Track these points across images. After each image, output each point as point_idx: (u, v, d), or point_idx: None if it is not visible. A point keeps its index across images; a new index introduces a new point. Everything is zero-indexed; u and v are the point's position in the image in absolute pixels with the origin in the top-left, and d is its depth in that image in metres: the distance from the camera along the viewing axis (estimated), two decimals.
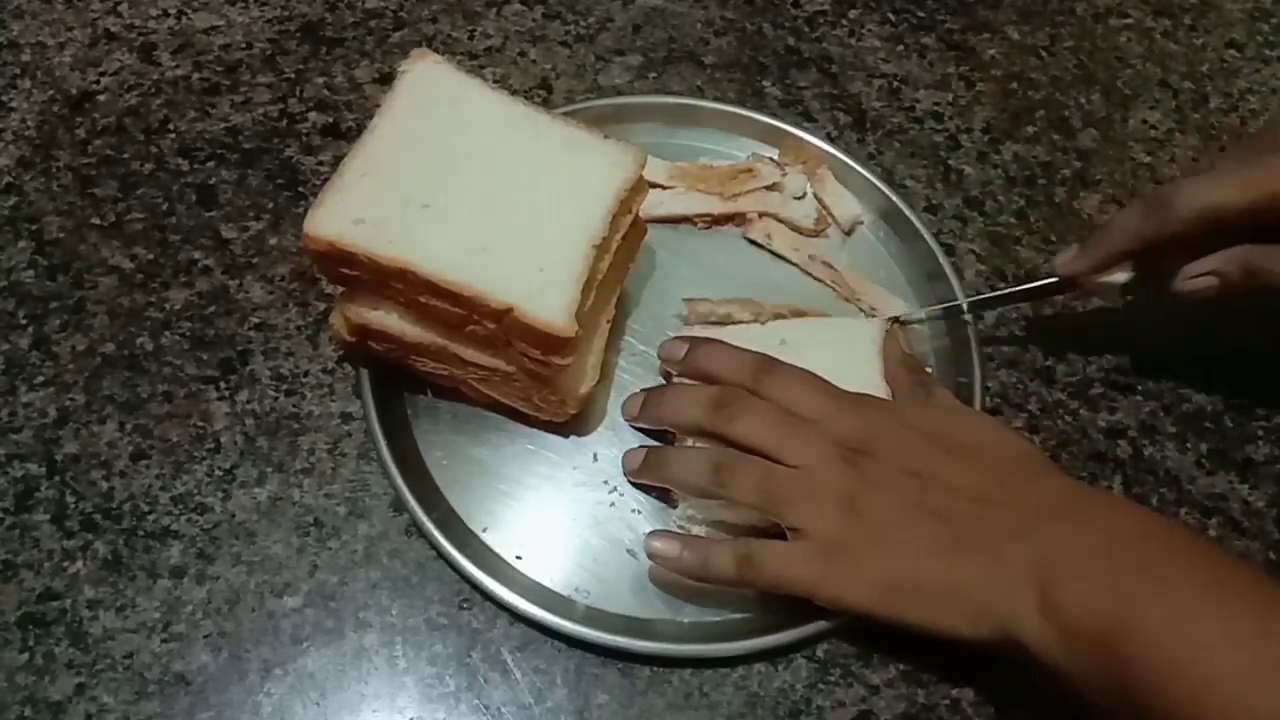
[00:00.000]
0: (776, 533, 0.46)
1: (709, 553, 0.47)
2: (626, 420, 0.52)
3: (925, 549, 0.44)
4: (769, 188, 0.60)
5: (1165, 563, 0.41)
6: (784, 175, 0.60)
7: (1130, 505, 0.48)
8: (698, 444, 0.49)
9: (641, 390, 0.52)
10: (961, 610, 0.43)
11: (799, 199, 0.60)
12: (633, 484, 0.51)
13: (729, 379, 0.50)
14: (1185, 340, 0.58)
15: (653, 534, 0.48)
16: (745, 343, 0.51)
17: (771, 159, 0.61)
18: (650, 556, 0.48)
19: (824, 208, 0.60)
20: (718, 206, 0.59)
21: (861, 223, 0.60)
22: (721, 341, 0.52)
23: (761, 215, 0.59)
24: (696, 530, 0.49)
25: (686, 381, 0.52)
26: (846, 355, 0.53)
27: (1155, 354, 0.57)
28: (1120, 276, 0.52)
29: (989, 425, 0.50)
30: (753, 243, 0.59)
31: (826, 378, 0.49)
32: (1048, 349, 0.57)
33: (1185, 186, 0.48)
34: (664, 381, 0.54)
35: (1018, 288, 0.56)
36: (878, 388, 0.52)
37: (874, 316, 0.57)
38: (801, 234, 0.59)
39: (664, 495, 0.51)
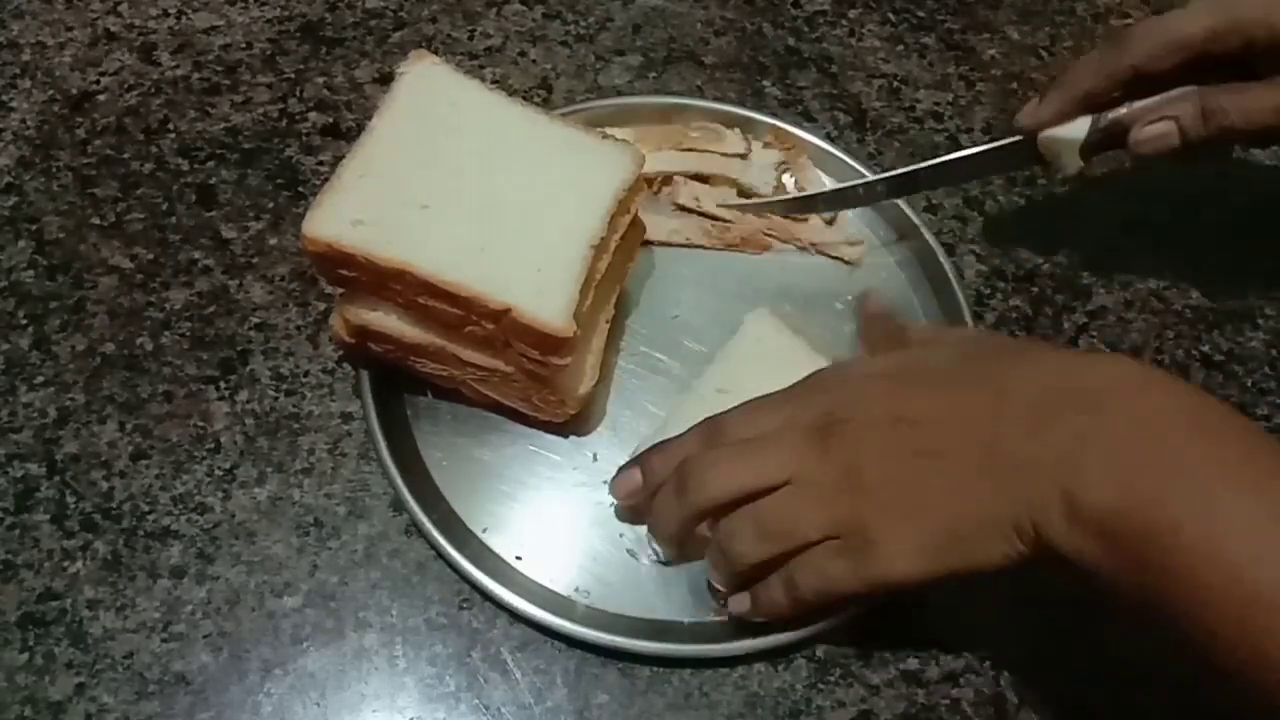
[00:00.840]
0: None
1: (769, 595, 0.45)
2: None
3: (941, 497, 0.41)
4: (734, 155, 0.60)
5: (1189, 443, 0.37)
6: (750, 150, 0.60)
7: (1142, 372, 0.40)
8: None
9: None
10: (998, 539, 0.39)
11: (762, 172, 0.60)
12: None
13: (672, 465, 0.46)
14: (1185, 340, 0.58)
15: (727, 594, 0.46)
16: (685, 409, 0.50)
17: (748, 137, 0.61)
18: (733, 612, 0.46)
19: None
20: (674, 164, 0.59)
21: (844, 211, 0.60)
22: (662, 444, 0.48)
23: (695, 178, 0.60)
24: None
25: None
26: (787, 376, 0.50)
27: (1155, 354, 0.57)
28: (1079, 130, 0.50)
29: (966, 336, 0.47)
30: (682, 208, 0.59)
31: (779, 381, 0.47)
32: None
33: (1143, 23, 0.48)
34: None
35: (976, 149, 0.54)
36: (809, 357, 0.51)
37: (820, 255, 0.58)
38: (757, 198, 0.60)
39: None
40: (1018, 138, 0.53)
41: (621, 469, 0.49)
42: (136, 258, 0.56)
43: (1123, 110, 0.50)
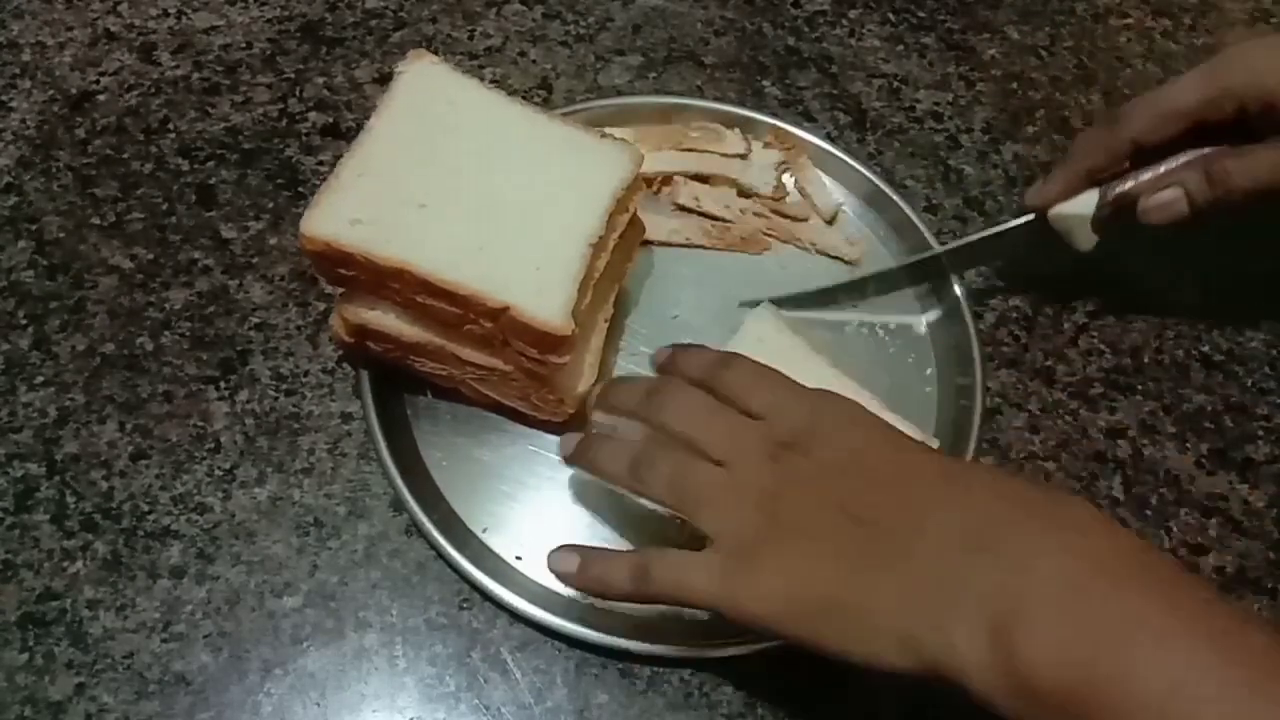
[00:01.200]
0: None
1: (607, 567, 0.43)
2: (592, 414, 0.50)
3: (834, 560, 0.38)
4: (734, 155, 0.60)
5: (1144, 603, 0.34)
6: (750, 150, 0.61)
7: (1100, 522, 0.37)
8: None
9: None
10: (880, 637, 0.36)
11: (763, 172, 0.60)
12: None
13: (689, 374, 0.46)
14: (1185, 340, 0.58)
15: (559, 546, 0.45)
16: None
17: (748, 137, 0.62)
18: (550, 568, 0.45)
19: (805, 196, 0.60)
20: (674, 164, 0.59)
21: (843, 210, 0.60)
22: (700, 346, 0.48)
23: (695, 178, 0.60)
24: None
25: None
26: (776, 349, 0.51)
27: (1155, 354, 0.57)
28: (1087, 205, 0.51)
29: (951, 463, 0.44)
30: (681, 207, 0.59)
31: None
32: (1048, 349, 0.57)
33: (1141, 96, 0.49)
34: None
35: (990, 230, 0.55)
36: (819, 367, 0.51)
37: (820, 255, 0.58)
38: (756, 198, 0.60)
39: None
40: (1030, 216, 0.53)
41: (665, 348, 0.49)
42: (136, 258, 0.56)
43: (1129, 182, 0.51)
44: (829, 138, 0.62)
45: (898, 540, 0.37)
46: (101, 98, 0.62)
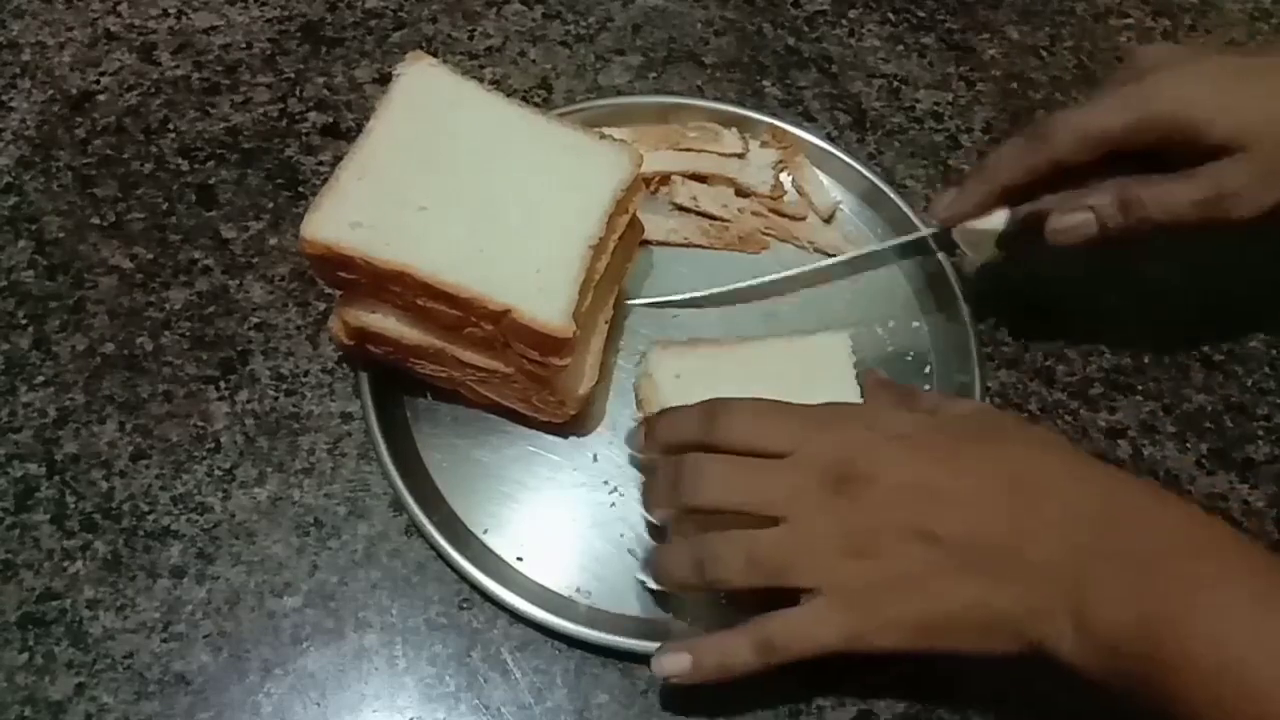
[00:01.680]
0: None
1: (723, 650, 0.43)
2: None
3: (952, 583, 0.41)
4: (731, 155, 0.60)
5: (1202, 570, 0.38)
6: (747, 149, 0.61)
7: (1162, 497, 0.42)
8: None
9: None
10: (996, 634, 0.40)
11: (760, 171, 0.60)
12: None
13: (684, 440, 0.45)
14: (1185, 340, 0.58)
15: (659, 650, 0.44)
16: (713, 372, 0.50)
17: (746, 136, 0.62)
18: (663, 677, 0.44)
19: (803, 195, 0.60)
20: (671, 164, 0.59)
21: (840, 208, 0.60)
22: (671, 410, 0.47)
23: (693, 177, 0.60)
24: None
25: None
26: (817, 370, 0.51)
27: (1155, 354, 0.57)
28: (996, 222, 0.50)
29: (986, 418, 0.47)
30: (679, 207, 0.59)
31: (799, 398, 0.46)
32: (1048, 349, 0.57)
33: (1063, 114, 0.48)
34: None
35: (891, 243, 0.54)
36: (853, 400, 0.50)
37: (818, 253, 0.58)
38: (754, 198, 0.60)
39: (657, 529, 0.49)
40: (932, 229, 0.53)
41: (634, 429, 0.50)
42: (136, 258, 0.56)
43: (1041, 201, 0.50)
44: (828, 137, 0.62)
45: (993, 552, 0.40)
46: (101, 98, 0.62)
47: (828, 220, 0.60)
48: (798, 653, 0.42)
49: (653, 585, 0.46)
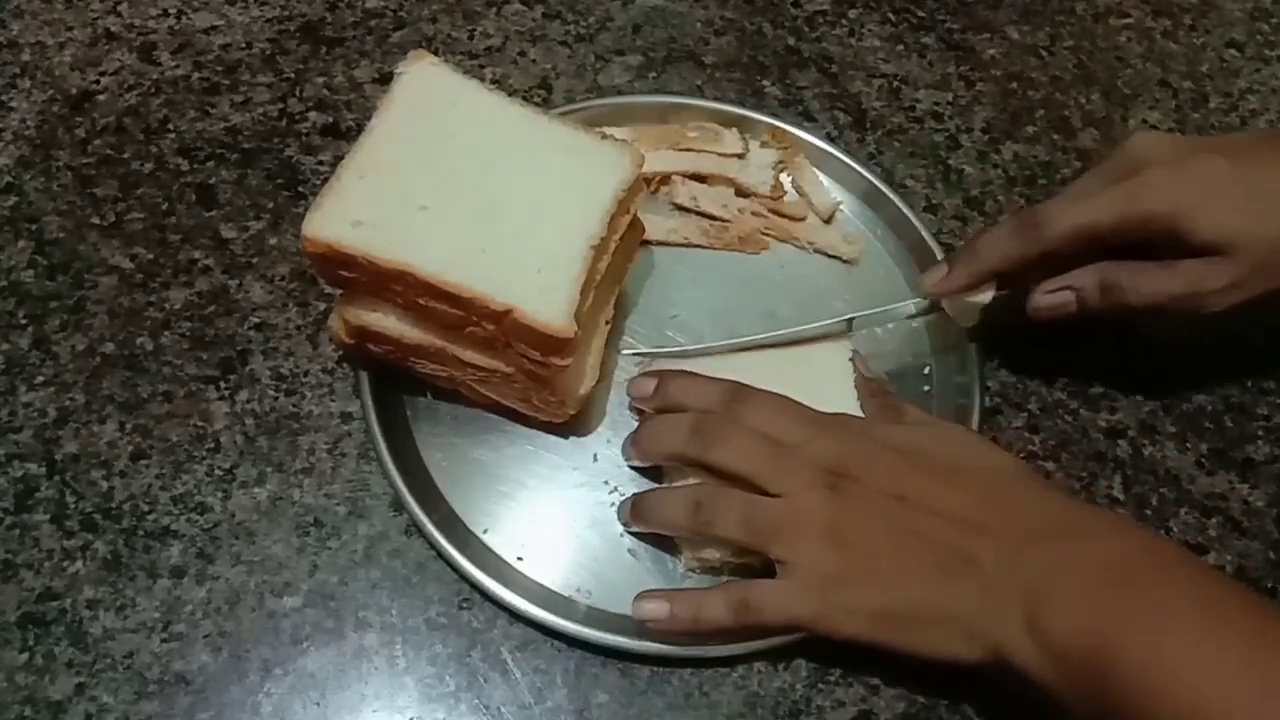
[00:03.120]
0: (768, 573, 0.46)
1: (700, 604, 0.46)
2: (627, 463, 0.52)
3: (915, 576, 0.44)
4: (731, 155, 0.60)
5: (1153, 585, 0.41)
6: (747, 149, 0.61)
7: (1118, 522, 0.47)
8: (688, 479, 0.49)
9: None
10: (955, 635, 0.43)
11: (760, 171, 0.60)
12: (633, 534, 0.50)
13: (701, 408, 0.49)
14: (1185, 340, 0.58)
15: (639, 595, 0.47)
16: (712, 374, 0.51)
17: (746, 136, 0.62)
18: (640, 620, 0.46)
19: (802, 195, 0.60)
20: (672, 164, 0.60)
21: (840, 209, 0.60)
22: (690, 372, 0.51)
23: (693, 178, 0.60)
24: (691, 581, 0.49)
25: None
26: (817, 378, 0.53)
27: (1155, 354, 0.57)
28: (984, 297, 0.52)
29: (968, 441, 0.49)
30: (680, 207, 0.59)
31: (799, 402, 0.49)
32: (1048, 349, 0.57)
33: (1056, 206, 0.49)
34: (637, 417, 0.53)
35: (885, 308, 0.55)
36: (852, 409, 0.52)
37: (818, 253, 0.59)
38: (754, 198, 0.60)
39: (668, 543, 0.50)
40: (924, 302, 0.54)
41: (645, 372, 0.52)
42: (136, 258, 0.56)
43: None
44: (828, 138, 0.62)
45: (959, 554, 0.44)
46: (101, 98, 0.62)
47: (827, 221, 0.60)
48: (769, 618, 0.45)
49: (631, 527, 0.49)
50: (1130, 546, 0.43)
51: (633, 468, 0.52)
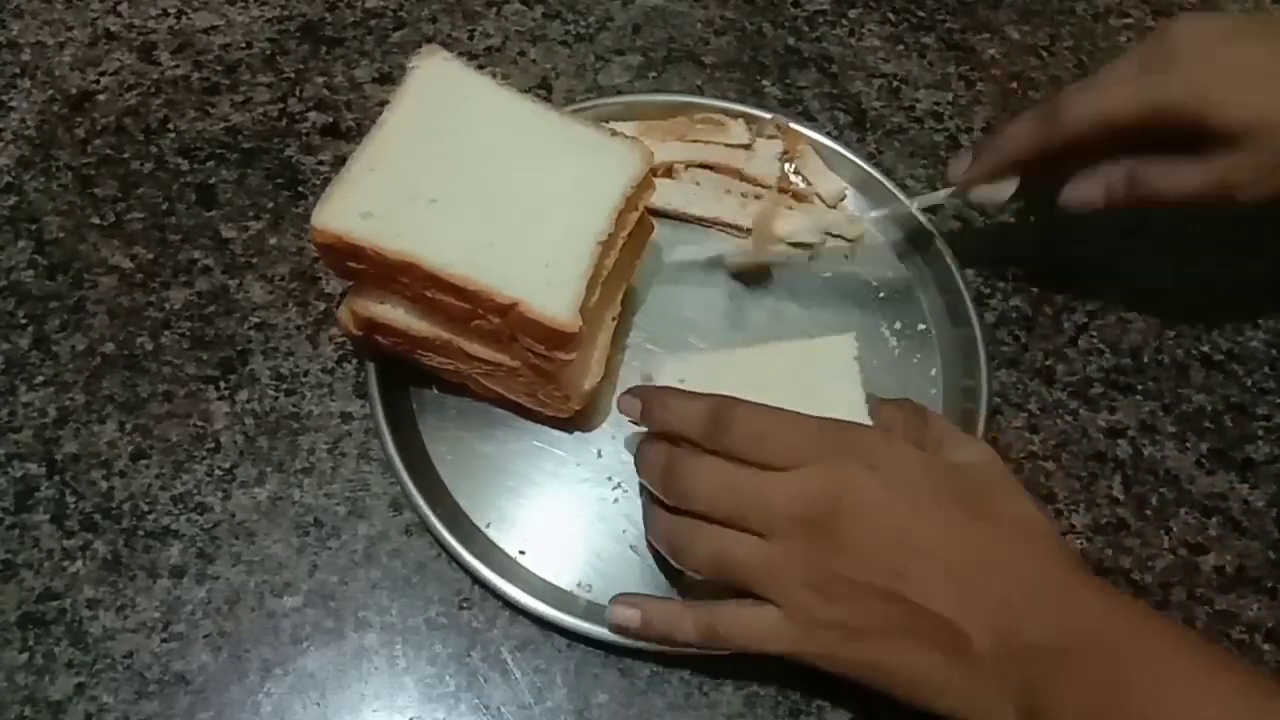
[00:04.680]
0: None
1: (670, 621, 0.44)
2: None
3: (899, 647, 0.41)
4: (738, 146, 0.61)
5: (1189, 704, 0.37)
6: (754, 140, 0.61)
7: (1147, 619, 0.40)
8: None
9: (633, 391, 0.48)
10: (942, 703, 0.41)
11: (766, 163, 0.60)
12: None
13: (683, 432, 0.44)
14: (1185, 340, 0.58)
15: (614, 600, 0.46)
16: (716, 376, 0.48)
17: (752, 128, 0.62)
18: (613, 627, 0.45)
19: (808, 184, 0.61)
20: (678, 155, 0.60)
21: (845, 196, 0.61)
22: (674, 391, 0.46)
23: (701, 167, 0.60)
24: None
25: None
26: (822, 376, 0.49)
27: (1155, 354, 0.57)
28: (1006, 190, 0.52)
29: (990, 485, 0.44)
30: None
31: (803, 402, 0.44)
32: (1048, 349, 0.57)
33: (1077, 96, 0.48)
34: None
35: (917, 202, 0.56)
36: (858, 407, 0.48)
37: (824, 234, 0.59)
38: (762, 186, 0.60)
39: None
40: (950, 190, 0.54)
41: (631, 390, 0.47)
42: (136, 258, 0.56)
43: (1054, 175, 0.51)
44: (829, 137, 0.62)
45: (946, 630, 0.40)
46: (101, 98, 0.62)
47: (833, 208, 0.60)
48: (738, 647, 0.43)
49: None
50: (1154, 650, 0.38)
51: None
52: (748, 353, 0.52)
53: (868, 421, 0.46)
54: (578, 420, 0.51)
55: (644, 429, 0.47)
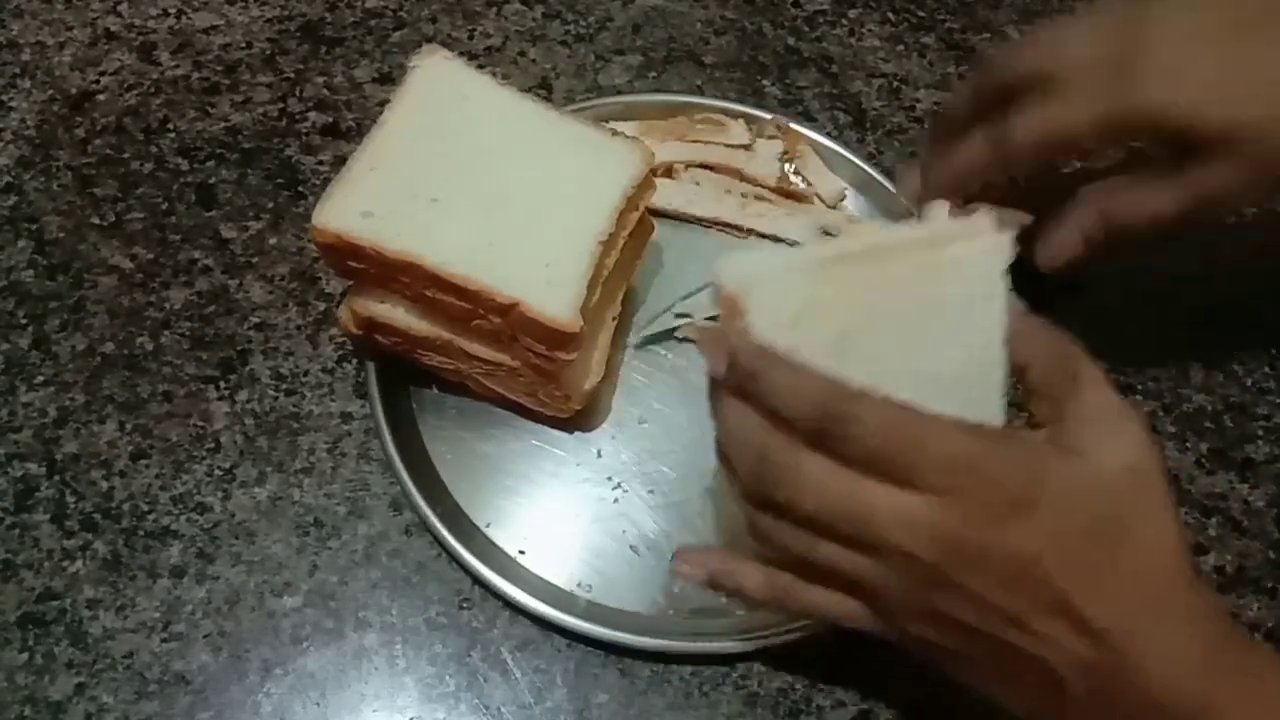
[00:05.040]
0: None
1: (739, 583, 0.41)
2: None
3: (996, 674, 0.37)
4: (738, 146, 0.61)
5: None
6: (754, 140, 0.61)
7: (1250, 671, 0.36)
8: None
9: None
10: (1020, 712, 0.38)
11: (766, 163, 0.60)
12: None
13: (787, 415, 0.35)
14: (1185, 340, 0.58)
15: (680, 551, 0.43)
16: (827, 307, 0.36)
17: (753, 128, 0.62)
18: (679, 573, 0.42)
19: (807, 184, 0.61)
20: (678, 155, 0.60)
21: (845, 197, 0.60)
22: (780, 362, 0.35)
23: (701, 167, 0.60)
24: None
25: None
26: (954, 284, 0.36)
27: (1155, 354, 0.57)
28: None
29: (1132, 485, 0.36)
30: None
31: (927, 320, 0.36)
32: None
33: (1027, 115, 0.43)
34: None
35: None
36: (993, 343, 0.37)
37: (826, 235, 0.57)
38: (762, 187, 0.60)
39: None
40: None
41: (710, 337, 0.38)
42: (136, 258, 0.56)
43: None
44: (829, 137, 0.62)
45: (1050, 678, 0.35)
46: (101, 98, 0.62)
47: (833, 208, 0.60)
48: (806, 615, 0.41)
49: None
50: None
51: (639, 469, 0.51)
52: (861, 244, 0.37)
53: (1002, 363, 0.38)
54: (578, 420, 0.51)
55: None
